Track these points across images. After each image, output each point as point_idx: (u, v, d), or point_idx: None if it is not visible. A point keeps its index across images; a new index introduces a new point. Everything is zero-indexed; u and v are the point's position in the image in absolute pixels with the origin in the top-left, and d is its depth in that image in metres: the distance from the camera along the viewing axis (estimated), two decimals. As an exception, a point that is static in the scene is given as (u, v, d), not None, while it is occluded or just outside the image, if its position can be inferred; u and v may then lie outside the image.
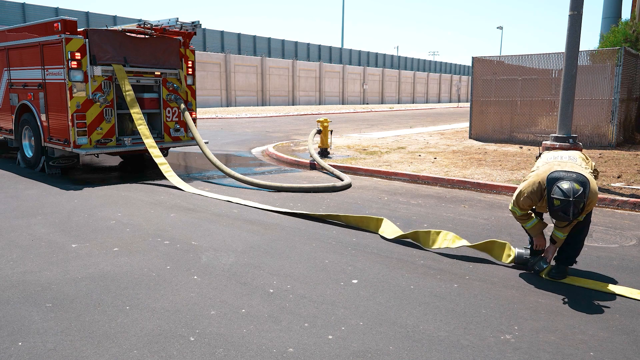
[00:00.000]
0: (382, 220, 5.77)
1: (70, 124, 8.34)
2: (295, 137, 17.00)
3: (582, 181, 4.03)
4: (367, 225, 5.83)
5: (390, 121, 27.78)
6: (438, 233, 5.17)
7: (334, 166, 10.09)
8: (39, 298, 3.83)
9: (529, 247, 4.74)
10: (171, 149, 11.60)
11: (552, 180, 4.09)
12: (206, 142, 9.37)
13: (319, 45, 58.34)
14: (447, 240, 5.08)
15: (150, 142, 8.73)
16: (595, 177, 4.52)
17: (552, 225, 4.47)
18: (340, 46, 62.14)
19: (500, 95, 15.34)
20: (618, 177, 8.78)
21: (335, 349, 3.14)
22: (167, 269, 4.47)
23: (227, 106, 43.00)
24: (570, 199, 3.92)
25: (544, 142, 8.97)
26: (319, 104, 53.41)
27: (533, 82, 14.75)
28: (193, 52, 9.93)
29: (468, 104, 19.79)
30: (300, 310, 3.68)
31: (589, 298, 3.97)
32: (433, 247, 5.12)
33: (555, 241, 4.40)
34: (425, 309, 3.73)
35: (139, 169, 10.26)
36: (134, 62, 8.96)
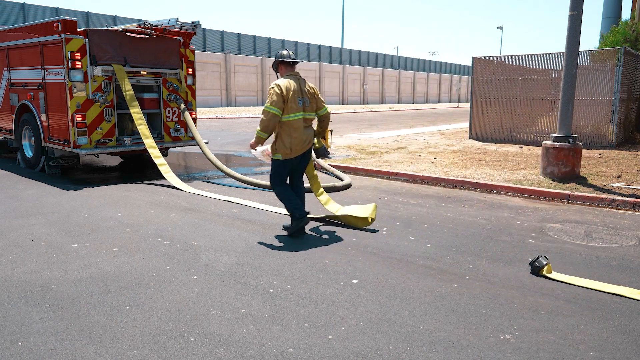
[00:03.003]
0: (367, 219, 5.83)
1: (70, 124, 8.33)
2: (295, 137, 16.97)
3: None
4: (355, 223, 5.92)
5: (390, 121, 27.78)
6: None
7: (334, 166, 10.09)
8: (39, 298, 3.83)
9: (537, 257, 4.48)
10: (171, 149, 11.59)
11: None
12: (206, 142, 9.36)
13: (319, 45, 58.33)
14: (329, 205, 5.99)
15: (150, 142, 8.73)
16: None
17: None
18: (340, 46, 62.12)
19: (500, 95, 15.33)
20: (618, 177, 8.78)
21: (335, 349, 3.14)
22: (167, 269, 4.47)
23: (227, 106, 43.00)
24: None
25: (544, 142, 8.98)
26: (319, 104, 53.29)
27: (533, 82, 14.75)
28: (193, 52, 9.93)
29: (468, 104, 19.78)
30: (300, 310, 3.68)
31: (589, 298, 3.97)
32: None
33: None
34: (425, 309, 3.73)
35: (139, 169, 10.26)
36: (134, 62, 8.95)
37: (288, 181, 5.69)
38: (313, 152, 10.62)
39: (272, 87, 5.18)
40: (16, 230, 5.61)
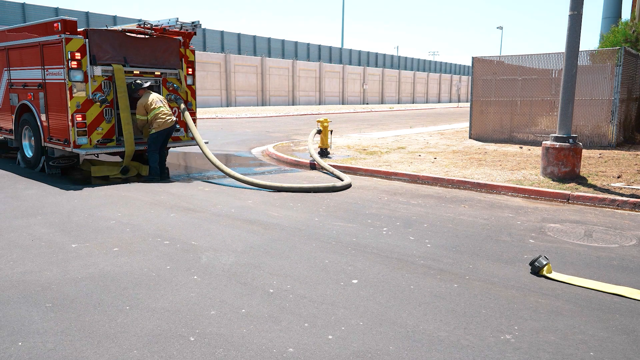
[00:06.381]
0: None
1: (70, 124, 8.34)
2: (295, 137, 17.00)
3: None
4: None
5: (390, 121, 27.79)
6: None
7: (334, 166, 10.09)
8: (39, 298, 3.83)
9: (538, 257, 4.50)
10: (171, 149, 11.58)
11: None
12: (206, 142, 9.37)
13: (319, 45, 58.34)
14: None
15: (129, 150, 8.82)
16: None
17: None
18: (340, 46, 62.17)
19: (500, 95, 15.34)
20: (618, 177, 8.78)
21: (335, 349, 3.14)
22: (167, 269, 4.47)
23: (227, 106, 43.01)
24: None
25: (544, 142, 8.98)
26: (319, 104, 53.42)
27: (533, 82, 14.75)
28: (193, 52, 9.93)
29: (468, 104, 19.80)
30: (300, 310, 3.68)
31: (589, 298, 3.97)
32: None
33: None
34: (425, 309, 3.73)
35: (139, 169, 10.25)
36: (134, 62, 8.95)
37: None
38: (314, 153, 10.73)
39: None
40: (16, 230, 5.61)
